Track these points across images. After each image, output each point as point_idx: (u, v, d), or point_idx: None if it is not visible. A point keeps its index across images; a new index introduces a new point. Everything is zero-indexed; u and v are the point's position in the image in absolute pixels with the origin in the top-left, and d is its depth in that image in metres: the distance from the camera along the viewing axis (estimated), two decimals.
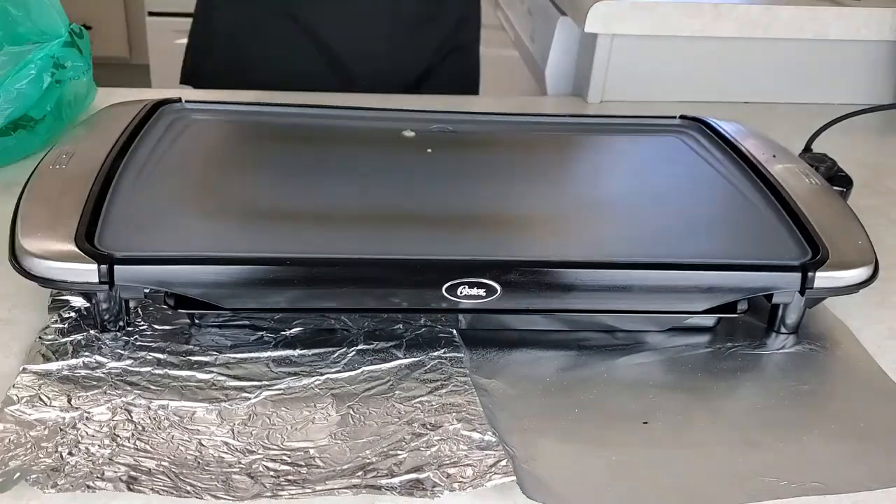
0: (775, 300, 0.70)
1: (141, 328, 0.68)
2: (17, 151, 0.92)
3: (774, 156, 0.85)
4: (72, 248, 0.63)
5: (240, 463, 0.57)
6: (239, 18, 1.22)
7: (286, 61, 1.20)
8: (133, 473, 0.55)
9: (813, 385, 0.68)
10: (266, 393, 0.63)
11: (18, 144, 0.92)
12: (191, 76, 1.30)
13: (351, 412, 0.61)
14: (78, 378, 0.63)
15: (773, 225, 0.75)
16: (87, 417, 0.59)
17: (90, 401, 0.61)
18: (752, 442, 0.61)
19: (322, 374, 0.65)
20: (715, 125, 0.92)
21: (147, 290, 0.64)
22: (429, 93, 1.18)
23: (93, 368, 0.64)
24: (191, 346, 0.67)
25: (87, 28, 2.07)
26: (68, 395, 0.61)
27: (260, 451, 0.58)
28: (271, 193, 0.76)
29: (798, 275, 0.68)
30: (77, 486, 0.54)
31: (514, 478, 0.55)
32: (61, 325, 0.67)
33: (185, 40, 1.32)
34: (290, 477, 0.56)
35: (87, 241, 0.64)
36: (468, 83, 1.28)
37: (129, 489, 0.54)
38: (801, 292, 0.69)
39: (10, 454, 0.55)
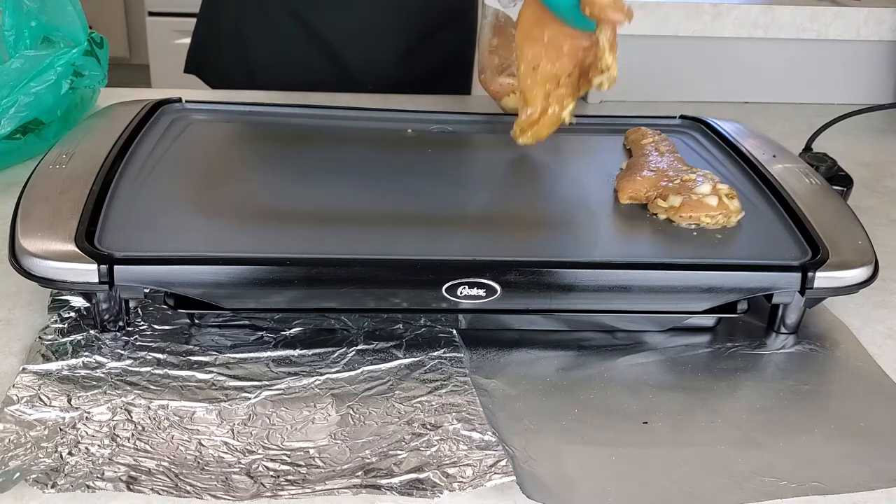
0: (775, 300, 0.70)
1: (141, 328, 0.68)
2: (24, 154, 0.92)
3: (774, 156, 0.85)
4: (72, 248, 0.63)
5: (240, 463, 0.57)
6: (247, 11, 1.21)
7: (291, 61, 1.20)
8: (133, 473, 0.55)
9: (813, 385, 0.68)
10: (266, 393, 0.63)
11: (26, 147, 0.91)
12: (195, 64, 1.29)
13: (351, 412, 0.61)
14: (78, 378, 0.63)
15: (773, 225, 0.75)
16: (86, 417, 0.59)
17: (90, 401, 0.61)
18: (752, 442, 0.61)
19: (322, 374, 0.65)
20: (715, 125, 0.92)
21: (147, 290, 0.64)
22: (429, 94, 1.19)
23: (93, 368, 0.64)
24: (191, 346, 0.67)
25: None
26: (68, 395, 0.61)
27: (260, 451, 0.58)
28: (271, 193, 0.76)
29: (798, 275, 0.68)
30: (77, 486, 0.54)
31: (514, 478, 0.55)
32: (61, 325, 0.67)
33: (185, 40, 1.31)
34: (289, 477, 0.56)
35: (87, 241, 0.64)
36: (463, 88, 1.30)
37: (129, 489, 0.54)
38: (801, 292, 0.69)
39: (10, 454, 0.55)
